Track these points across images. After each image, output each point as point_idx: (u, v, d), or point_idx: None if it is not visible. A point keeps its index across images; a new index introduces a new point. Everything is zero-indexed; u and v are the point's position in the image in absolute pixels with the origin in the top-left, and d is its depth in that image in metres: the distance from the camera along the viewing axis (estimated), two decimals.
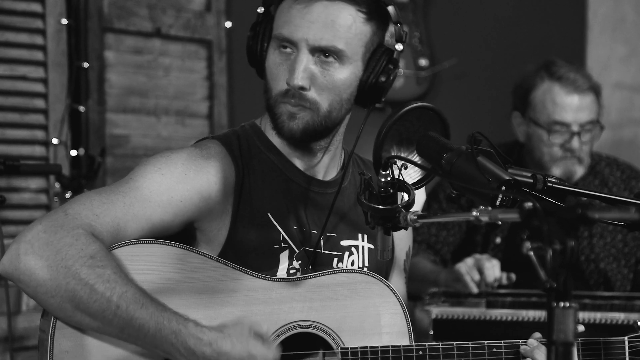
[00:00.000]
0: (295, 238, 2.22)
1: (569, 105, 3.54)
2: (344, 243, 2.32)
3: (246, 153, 2.22)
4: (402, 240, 2.47)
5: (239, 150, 2.21)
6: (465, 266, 3.18)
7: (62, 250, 1.94)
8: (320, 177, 2.29)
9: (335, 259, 2.30)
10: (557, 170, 3.54)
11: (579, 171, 3.59)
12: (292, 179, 2.24)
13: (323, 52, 2.15)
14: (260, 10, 2.20)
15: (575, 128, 3.53)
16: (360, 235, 2.35)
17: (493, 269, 3.16)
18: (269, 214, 2.20)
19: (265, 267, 2.17)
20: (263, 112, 2.31)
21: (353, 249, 2.33)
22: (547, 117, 3.55)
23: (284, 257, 2.21)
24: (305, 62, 2.14)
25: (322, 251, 2.27)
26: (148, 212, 2.05)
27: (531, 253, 1.54)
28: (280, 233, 2.20)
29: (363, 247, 2.35)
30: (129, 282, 1.98)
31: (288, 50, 2.16)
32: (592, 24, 5.16)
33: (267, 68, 2.19)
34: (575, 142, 3.53)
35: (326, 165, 2.31)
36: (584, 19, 5.15)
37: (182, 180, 2.10)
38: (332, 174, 2.33)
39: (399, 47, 2.19)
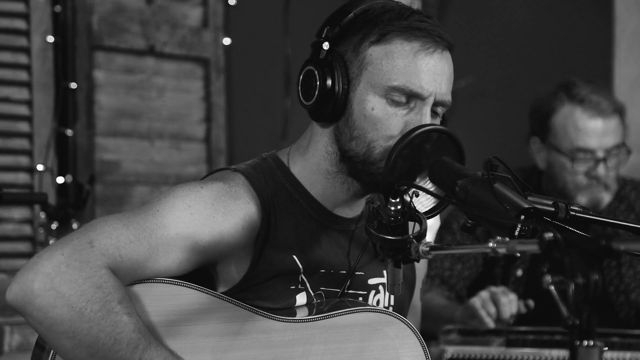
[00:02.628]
0: (319, 280, 2.22)
1: (593, 130, 3.54)
2: (371, 282, 2.31)
3: (272, 190, 2.21)
4: (421, 270, 2.48)
5: (265, 187, 2.20)
6: (480, 300, 3.18)
7: (87, 292, 1.92)
8: (351, 215, 2.29)
9: (360, 299, 2.30)
10: (582, 199, 3.53)
11: (606, 198, 3.58)
12: (317, 220, 2.24)
13: (439, 106, 2.17)
14: (326, 46, 2.18)
15: (600, 154, 3.53)
16: (385, 271, 2.34)
17: (510, 304, 3.15)
18: (294, 256, 2.20)
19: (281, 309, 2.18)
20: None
21: (380, 287, 2.33)
22: (570, 143, 3.55)
23: (301, 298, 2.21)
24: (429, 116, 2.16)
25: (347, 291, 2.28)
26: (170, 259, 2.06)
27: (552, 287, 1.54)
28: (300, 273, 2.20)
29: None
30: (149, 333, 1.99)
31: (403, 100, 2.14)
32: (619, 40, 5.18)
33: (370, 117, 2.13)
34: (601, 169, 3.53)
35: (359, 204, 2.31)
36: (611, 34, 5.17)
37: (209, 223, 2.10)
38: (357, 211, 2.32)
39: None
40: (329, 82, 2.14)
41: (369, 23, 2.15)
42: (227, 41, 4.43)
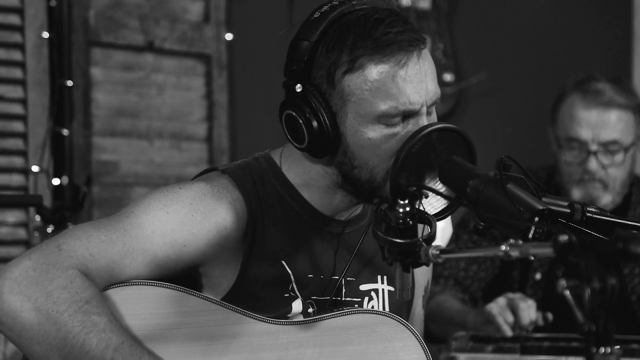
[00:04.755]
0: (310, 286, 2.23)
1: (586, 120, 3.50)
2: (363, 287, 2.32)
3: (261, 193, 2.21)
4: (422, 276, 2.47)
5: (253, 189, 2.20)
6: (497, 307, 3.17)
7: (53, 293, 1.95)
8: (343, 218, 2.29)
9: (356, 306, 2.30)
10: (576, 194, 3.50)
11: (604, 198, 3.52)
12: (310, 223, 2.24)
13: (431, 106, 2.16)
14: (299, 88, 2.15)
15: (593, 147, 3.49)
16: (379, 277, 2.35)
17: (529, 309, 3.14)
18: (282, 262, 2.20)
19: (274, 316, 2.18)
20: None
21: (373, 293, 2.33)
22: (564, 132, 3.53)
23: (296, 306, 2.21)
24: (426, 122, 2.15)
25: (343, 298, 2.28)
26: (148, 256, 2.07)
27: (567, 292, 1.54)
28: (292, 282, 2.21)
29: (383, 290, 2.34)
30: (125, 332, 2.00)
31: (397, 120, 2.12)
32: (638, 34, 5.18)
33: (368, 145, 2.12)
34: (592, 163, 3.49)
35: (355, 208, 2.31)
36: (629, 28, 5.16)
37: (188, 221, 2.11)
38: (349, 213, 2.32)
39: None
40: (315, 123, 2.13)
41: (334, 49, 2.11)
42: (229, 36, 4.44)
